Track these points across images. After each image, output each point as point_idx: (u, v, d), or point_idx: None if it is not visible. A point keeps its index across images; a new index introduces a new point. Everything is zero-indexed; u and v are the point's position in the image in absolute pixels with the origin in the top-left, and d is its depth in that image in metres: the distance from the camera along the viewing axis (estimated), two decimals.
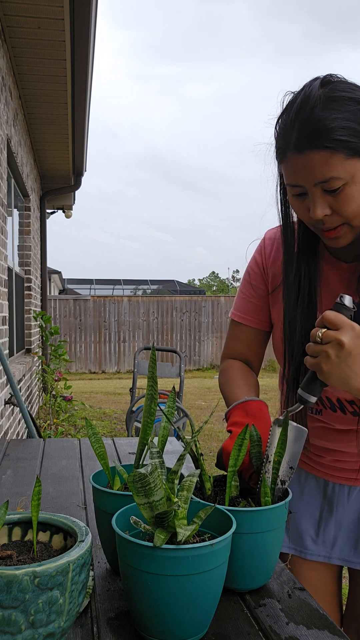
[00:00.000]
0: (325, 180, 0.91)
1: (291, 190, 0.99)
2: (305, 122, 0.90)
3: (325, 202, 0.94)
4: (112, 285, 19.79)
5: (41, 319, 6.49)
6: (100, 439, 0.96)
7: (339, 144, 0.89)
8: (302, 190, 0.96)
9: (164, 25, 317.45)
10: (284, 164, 0.97)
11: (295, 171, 0.94)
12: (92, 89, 4.69)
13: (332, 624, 0.79)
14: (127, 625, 0.78)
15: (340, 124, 0.89)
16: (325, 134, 0.89)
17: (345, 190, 0.92)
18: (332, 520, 1.23)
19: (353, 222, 0.97)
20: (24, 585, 0.62)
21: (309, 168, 0.92)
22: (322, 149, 0.89)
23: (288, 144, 0.94)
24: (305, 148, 0.91)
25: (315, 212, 0.95)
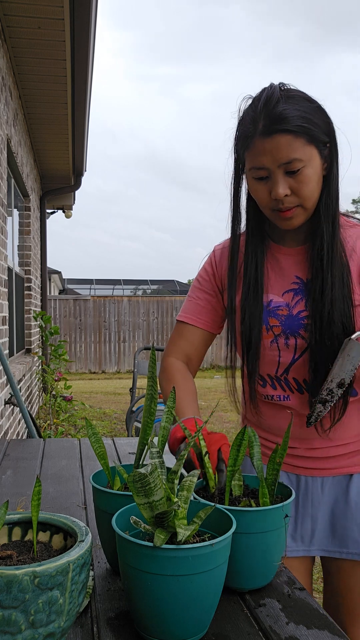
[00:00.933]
0: (289, 160, 1.06)
1: (255, 174, 1.11)
2: (271, 111, 1.06)
3: (287, 182, 1.09)
4: (112, 285, 19.79)
5: (41, 319, 6.49)
6: (100, 439, 0.96)
7: (300, 130, 1.05)
8: (265, 173, 1.09)
9: (162, 26, 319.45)
10: (250, 150, 1.10)
11: (263, 153, 1.08)
12: (92, 89, 4.69)
13: (332, 624, 0.79)
14: (127, 625, 0.78)
15: (299, 114, 1.05)
16: (289, 121, 1.05)
17: (303, 172, 1.07)
18: (308, 515, 1.26)
19: (306, 204, 1.12)
20: (24, 585, 0.62)
21: (275, 149, 1.06)
22: (287, 132, 1.05)
23: (255, 131, 1.08)
24: (272, 132, 1.05)
25: (277, 191, 1.09)
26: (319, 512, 1.25)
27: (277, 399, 1.25)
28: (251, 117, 1.09)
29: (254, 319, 1.22)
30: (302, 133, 1.05)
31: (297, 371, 1.21)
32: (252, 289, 1.23)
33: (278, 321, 1.21)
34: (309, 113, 1.07)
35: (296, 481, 1.27)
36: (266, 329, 1.22)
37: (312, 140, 1.07)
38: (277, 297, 1.23)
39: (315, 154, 1.08)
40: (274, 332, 1.22)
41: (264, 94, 1.09)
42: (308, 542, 1.26)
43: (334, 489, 1.25)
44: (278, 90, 1.08)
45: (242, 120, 1.12)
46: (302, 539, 1.27)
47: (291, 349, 1.20)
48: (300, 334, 1.19)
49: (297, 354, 1.20)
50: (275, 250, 1.26)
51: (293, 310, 1.21)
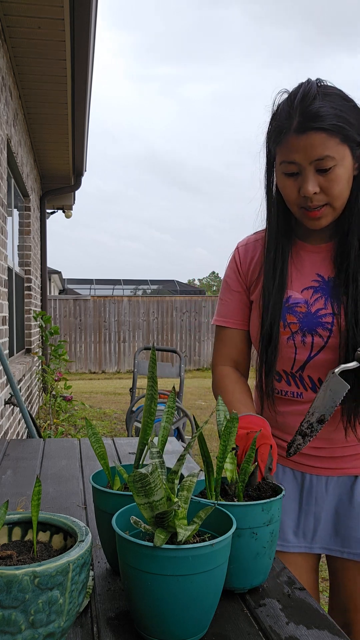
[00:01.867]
0: (322, 157, 1.05)
1: (285, 169, 1.11)
2: (307, 109, 1.05)
3: (317, 180, 1.08)
4: (112, 285, 19.78)
5: (41, 319, 6.49)
6: (100, 439, 0.96)
7: (335, 129, 1.04)
8: (296, 169, 1.09)
9: (161, 27, 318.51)
10: (281, 145, 1.10)
11: (295, 150, 1.07)
12: (92, 89, 4.69)
13: (332, 624, 0.79)
14: (127, 625, 0.78)
15: (335, 113, 1.05)
16: (324, 119, 1.04)
17: (334, 171, 1.07)
18: (311, 513, 1.27)
19: (335, 203, 1.11)
20: (24, 585, 0.62)
21: (309, 147, 1.05)
22: (322, 131, 1.04)
23: (290, 127, 1.07)
24: (306, 130, 1.05)
25: (307, 188, 1.08)
26: (323, 510, 1.26)
27: (291, 395, 1.25)
28: (286, 113, 1.08)
29: (275, 314, 1.21)
30: (336, 132, 1.04)
31: (313, 369, 1.21)
32: (276, 284, 1.22)
33: (296, 318, 1.21)
34: (345, 112, 1.06)
35: (301, 478, 1.28)
36: (283, 325, 1.21)
37: (346, 140, 1.06)
38: (296, 294, 1.22)
39: (348, 153, 1.07)
40: (291, 329, 1.21)
41: (301, 90, 1.07)
42: (310, 539, 1.27)
43: (338, 489, 1.25)
44: (315, 86, 1.07)
45: (276, 114, 1.11)
46: (304, 535, 1.27)
47: (307, 347, 1.20)
48: (318, 332, 1.18)
49: (314, 352, 1.20)
50: (299, 247, 1.26)
51: (312, 308, 1.20)
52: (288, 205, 1.17)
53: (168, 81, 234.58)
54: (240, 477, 0.91)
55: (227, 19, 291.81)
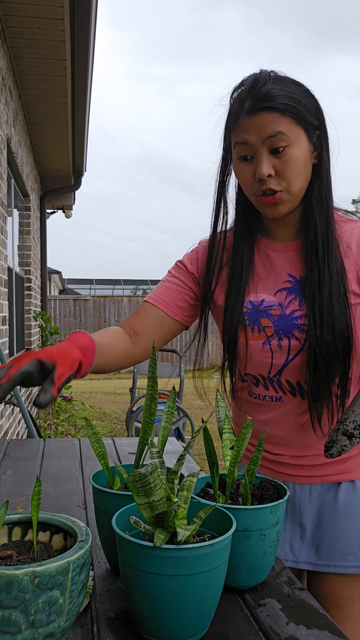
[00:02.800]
0: (274, 134, 1.03)
1: (239, 151, 1.09)
2: (258, 91, 1.04)
3: (271, 162, 1.06)
4: (112, 285, 19.79)
5: (41, 319, 6.49)
6: (100, 439, 0.96)
7: (287, 108, 1.03)
8: (249, 151, 1.07)
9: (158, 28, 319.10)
10: (235, 129, 1.08)
11: (247, 130, 1.06)
12: (92, 89, 4.69)
13: (332, 624, 0.79)
14: (127, 625, 0.78)
15: (287, 94, 1.04)
16: (275, 99, 1.03)
17: (288, 152, 1.05)
18: (296, 524, 1.21)
19: (291, 189, 1.08)
20: (24, 585, 0.62)
21: (261, 125, 1.04)
22: (273, 110, 1.03)
23: (242, 110, 1.06)
24: (257, 110, 1.04)
25: (261, 170, 1.06)
26: (307, 520, 1.20)
27: (270, 399, 1.20)
28: (238, 98, 1.08)
29: (233, 316, 1.17)
30: (288, 112, 1.03)
31: (291, 373, 1.16)
32: (235, 285, 1.18)
33: (270, 321, 1.16)
34: (297, 94, 1.05)
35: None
36: (258, 329, 1.17)
37: (300, 121, 1.05)
38: (270, 297, 1.17)
39: (302, 136, 1.06)
40: (266, 333, 1.16)
41: (252, 76, 1.08)
42: (297, 553, 1.21)
43: (321, 497, 1.20)
44: (267, 72, 1.07)
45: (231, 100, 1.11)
46: (290, 548, 1.21)
47: (284, 351, 1.15)
48: (295, 335, 1.14)
49: (291, 356, 1.15)
50: (265, 246, 1.21)
51: (286, 310, 1.15)
52: (246, 194, 1.14)
53: (166, 82, 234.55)
54: (248, 479, 0.92)
55: (224, 21, 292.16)
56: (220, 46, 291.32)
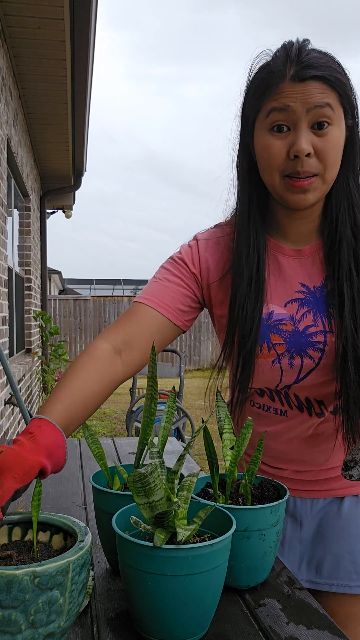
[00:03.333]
0: (322, 104, 0.90)
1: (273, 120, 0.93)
2: (307, 58, 0.91)
3: (310, 139, 0.92)
4: (112, 285, 19.79)
5: (41, 319, 6.49)
6: (97, 440, 0.96)
7: (337, 83, 0.91)
8: (287, 121, 0.92)
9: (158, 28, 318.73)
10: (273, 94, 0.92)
11: (290, 95, 0.91)
12: (92, 89, 4.69)
13: (332, 624, 0.79)
14: (127, 625, 0.78)
15: (335, 68, 0.92)
16: (324, 68, 0.90)
17: (331, 132, 0.92)
18: (296, 538, 1.16)
19: (327, 175, 0.94)
20: (24, 585, 0.62)
21: (309, 93, 0.90)
22: (323, 80, 0.90)
23: (283, 76, 0.91)
24: (306, 78, 0.90)
25: (300, 144, 0.91)
26: (308, 534, 1.15)
27: (274, 411, 1.11)
28: (281, 61, 0.92)
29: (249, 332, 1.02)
30: (337, 87, 0.91)
31: (301, 389, 1.06)
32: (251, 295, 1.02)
33: (282, 338, 1.03)
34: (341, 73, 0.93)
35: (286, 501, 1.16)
36: (267, 347, 1.03)
37: (344, 101, 0.93)
38: (279, 308, 1.04)
39: (342, 118, 0.93)
40: (276, 351, 1.03)
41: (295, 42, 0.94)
42: (296, 569, 1.14)
43: (324, 511, 1.15)
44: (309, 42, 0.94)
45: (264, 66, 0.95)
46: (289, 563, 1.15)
47: (296, 369, 1.04)
48: (308, 354, 1.02)
49: (302, 374, 1.04)
50: (274, 248, 1.06)
51: (299, 325, 1.02)
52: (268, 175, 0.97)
53: (166, 82, 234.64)
54: (248, 479, 0.92)
55: (223, 22, 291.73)
56: (220, 46, 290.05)
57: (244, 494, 0.93)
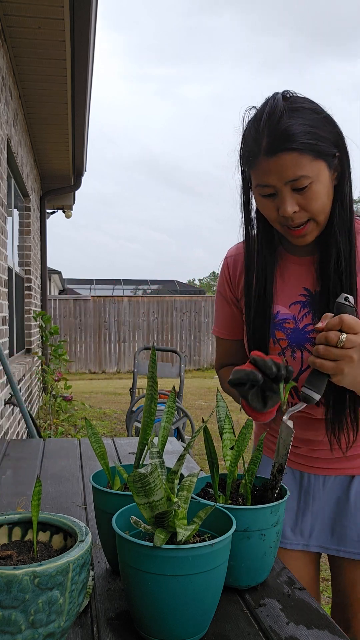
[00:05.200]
0: (295, 178, 1.02)
1: (261, 191, 1.08)
2: (274, 129, 1.01)
3: (294, 200, 1.04)
4: (112, 285, 19.78)
5: (41, 319, 6.49)
6: (100, 439, 0.96)
7: (306, 147, 1.00)
8: (272, 190, 1.06)
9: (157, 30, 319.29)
10: (254, 168, 1.06)
11: (268, 172, 1.03)
12: (92, 89, 4.69)
13: (332, 623, 0.79)
14: (127, 625, 0.78)
15: (305, 129, 1.00)
16: (294, 138, 1.00)
17: (312, 189, 1.03)
18: (308, 511, 1.27)
19: (318, 218, 1.08)
20: (24, 585, 0.62)
21: (281, 168, 1.02)
22: (292, 151, 1.00)
23: (259, 149, 1.03)
24: (276, 151, 1.01)
25: (285, 209, 1.05)
26: (320, 508, 1.27)
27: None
28: (254, 135, 1.05)
29: (262, 332, 1.19)
30: (308, 150, 1.00)
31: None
32: (260, 300, 1.19)
33: (284, 334, 1.19)
34: (316, 127, 1.02)
35: (299, 477, 1.29)
36: (273, 341, 1.21)
37: (320, 155, 1.02)
38: (284, 309, 1.20)
39: (323, 167, 1.04)
40: (280, 345, 1.20)
41: (267, 107, 1.03)
42: (307, 537, 1.28)
43: (335, 488, 1.25)
44: (281, 102, 1.02)
45: (245, 135, 1.08)
46: (301, 533, 1.28)
47: (298, 362, 1.19)
48: (307, 348, 1.17)
49: (304, 366, 1.19)
50: (284, 258, 1.23)
51: (300, 324, 1.18)
52: (271, 223, 1.14)
53: (164, 83, 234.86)
54: (248, 479, 0.92)
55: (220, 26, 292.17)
56: (217, 50, 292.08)
57: (244, 494, 0.93)
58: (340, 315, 0.92)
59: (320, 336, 0.93)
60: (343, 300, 0.94)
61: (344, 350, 0.91)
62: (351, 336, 0.91)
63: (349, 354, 0.91)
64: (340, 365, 0.92)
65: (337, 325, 0.92)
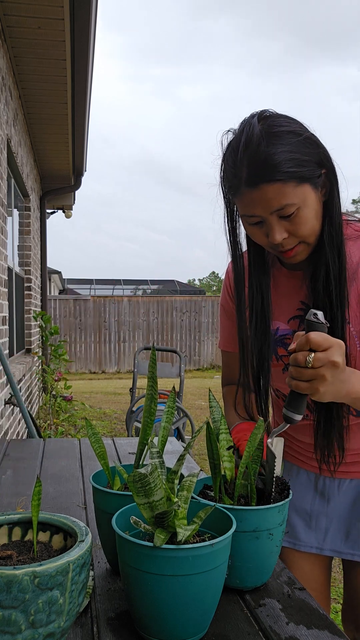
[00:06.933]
0: (281, 207, 0.98)
1: (248, 220, 1.05)
2: (253, 159, 0.96)
3: (282, 226, 1.02)
4: (112, 285, 19.78)
5: (41, 319, 6.49)
6: (100, 439, 0.96)
7: (288, 175, 0.96)
8: (258, 219, 1.03)
9: (155, 31, 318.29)
10: (238, 198, 1.03)
11: (251, 204, 1.00)
12: (92, 89, 4.69)
13: (332, 623, 0.79)
14: (127, 625, 0.78)
15: (286, 157, 0.95)
16: (274, 168, 0.95)
17: (299, 214, 1.00)
18: (323, 513, 1.27)
19: (308, 240, 1.05)
20: (24, 585, 0.62)
21: (264, 200, 0.98)
22: (274, 182, 0.96)
23: (240, 181, 0.99)
24: (258, 183, 0.97)
25: (274, 237, 1.02)
26: (335, 511, 1.26)
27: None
28: (232, 166, 1.00)
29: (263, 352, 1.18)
30: (291, 178, 0.96)
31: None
32: (259, 320, 1.17)
33: (286, 351, 1.18)
34: (297, 151, 0.96)
35: (314, 479, 1.29)
36: (276, 358, 1.20)
37: (303, 180, 0.98)
38: (283, 325, 1.19)
39: (309, 190, 0.99)
40: (283, 362, 1.20)
41: (243, 136, 0.98)
42: (321, 540, 1.27)
43: (350, 491, 1.25)
44: (257, 128, 0.96)
45: (225, 164, 1.03)
46: (315, 536, 1.28)
47: None
48: None
49: None
50: (279, 272, 1.21)
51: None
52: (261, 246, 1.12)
53: (163, 83, 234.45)
54: (252, 479, 0.92)
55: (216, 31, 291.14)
56: (217, 49, 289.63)
57: (245, 495, 0.93)
58: (307, 335, 0.87)
59: (292, 358, 0.90)
60: (312, 318, 0.89)
61: (314, 370, 0.87)
62: (319, 354, 0.86)
63: (320, 373, 0.87)
64: (314, 385, 0.89)
65: (306, 345, 0.87)
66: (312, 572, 1.29)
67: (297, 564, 1.29)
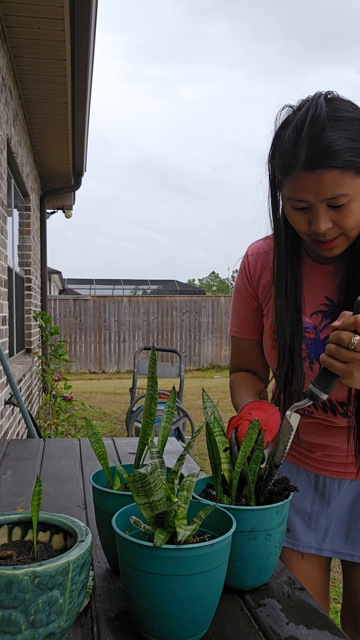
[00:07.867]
0: (334, 196, 0.95)
1: (294, 204, 1.01)
2: (316, 142, 0.93)
3: (329, 216, 0.98)
4: (112, 285, 19.78)
5: (41, 319, 6.49)
6: (100, 439, 0.96)
7: (348, 164, 0.93)
8: (306, 205, 0.99)
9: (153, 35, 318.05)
10: (290, 179, 0.98)
11: (304, 187, 0.96)
12: (92, 89, 4.69)
13: (332, 623, 0.79)
14: (127, 625, 0.78)
15: (349, 145, 0.92)
16: (337, 155, 0.92)
17: (349, 206, 0.97)
18: (323, 514, 1.27)
19: (351, 234, 1.02)
20: (24, 585, 0.62)
21: (320, 185, 0.94)
22: (334, 168, 0.93)
23: (297, 162, 0.95)
24: (317, 167, 0.93)
25: (319, 226, 0.98)
26: (335, 511, 1.26)
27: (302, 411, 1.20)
28: (292, 145, 0.95)
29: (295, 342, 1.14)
30: (351, 167, 0.93)
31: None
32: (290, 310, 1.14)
33: (304, 344, 1.16)
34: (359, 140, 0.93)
35: (314, 479, 1.29)
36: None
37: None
38: (306, 318, 1.16)
39: None
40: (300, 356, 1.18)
41: (309, 116, 0.94)
42: (321, 541, 1.27)
43: (351, 492, 1.25)
44: (324, 109, 0.93)
45: (281, 143, 0.99)
46: (315, 536, 1.28)
47: (315, 372, 1.16)
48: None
49: None
50: (308, 265, 1.18)
51: (320, 335, 1.14)
52: (298, 233, 1.07)
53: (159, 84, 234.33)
54: (250, 479, 0.92)
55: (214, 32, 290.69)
56: (214, 50, 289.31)
57: (246, 495, 0.93)
58: (356, 316, 0.85)
59: (334, 335, 0.88)
60: None
61: (354, 353, 0.86)
62: None
63: (358, 357, 0.86)
64: (349, 367, 0.87)
65: (352, 326, 0.85)
66: (312, 573, 1.29)
67: (296, 564, 1.28)
